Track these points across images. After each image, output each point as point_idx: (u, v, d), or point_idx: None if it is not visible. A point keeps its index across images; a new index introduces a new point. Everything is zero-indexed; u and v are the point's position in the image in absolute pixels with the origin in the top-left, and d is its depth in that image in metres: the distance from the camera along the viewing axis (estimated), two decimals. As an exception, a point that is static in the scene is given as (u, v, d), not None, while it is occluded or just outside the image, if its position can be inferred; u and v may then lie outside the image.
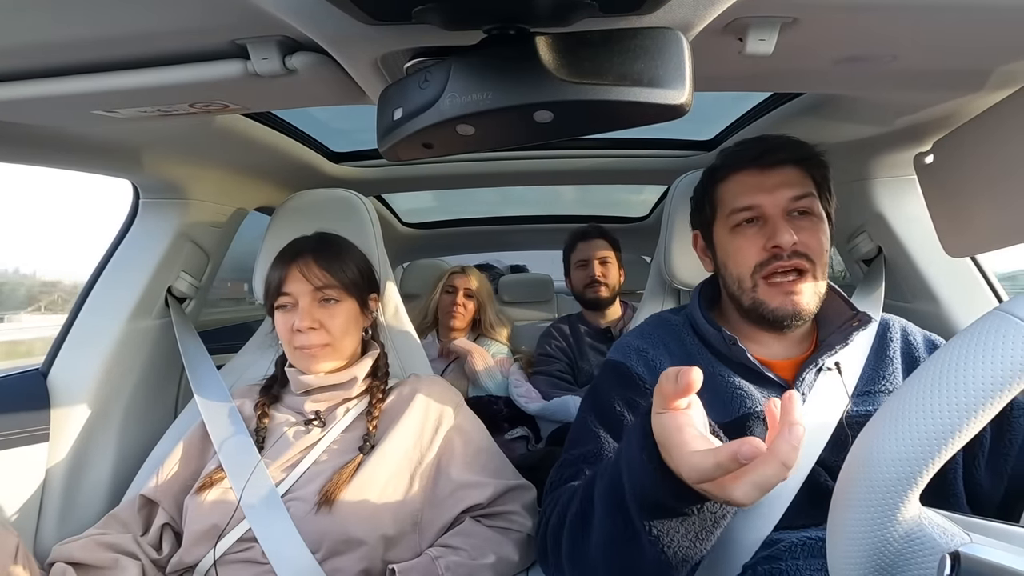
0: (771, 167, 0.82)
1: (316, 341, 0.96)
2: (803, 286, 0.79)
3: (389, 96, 0.53)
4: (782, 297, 0.80)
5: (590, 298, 1.87)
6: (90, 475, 1.13)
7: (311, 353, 0.97)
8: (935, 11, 0.60)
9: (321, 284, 0.97)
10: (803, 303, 0.79)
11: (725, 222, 0.85)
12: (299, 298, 0.97)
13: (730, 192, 0.85)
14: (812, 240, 0.80)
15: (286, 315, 0.98)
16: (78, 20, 0.58)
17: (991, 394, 0.37)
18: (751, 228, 0.82)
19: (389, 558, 0.87)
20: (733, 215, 0.83)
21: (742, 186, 0.83)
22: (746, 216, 0.82)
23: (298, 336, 0.96)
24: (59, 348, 1.17)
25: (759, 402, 0.79)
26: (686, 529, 0.55)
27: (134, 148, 1.04)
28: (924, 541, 0.40)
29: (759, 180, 0.82)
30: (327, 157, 1.59)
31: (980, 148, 0.86)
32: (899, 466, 0.39)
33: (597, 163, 1.77)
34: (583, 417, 0.86)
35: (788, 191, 0.81)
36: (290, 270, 0.98)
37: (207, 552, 0.86)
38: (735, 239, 0.84)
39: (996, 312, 0.39)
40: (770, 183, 0.81)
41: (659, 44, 0.47)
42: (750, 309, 0.83)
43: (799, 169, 0.82)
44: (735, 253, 0.84)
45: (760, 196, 0.81)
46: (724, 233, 0.86)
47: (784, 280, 0.80)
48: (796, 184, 0.81)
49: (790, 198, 0.80)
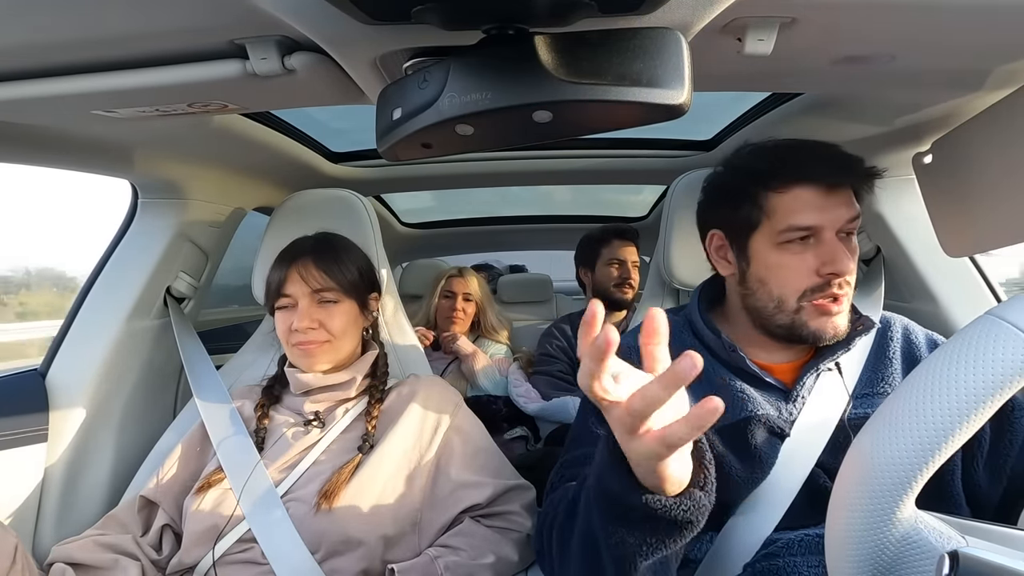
0: (835, 187, 0.76)
1: (314, 338, 0.97)
2: (842, 308, 0.77)
3: (388, 96, 0.54)
4: (823, 319, 0.77)
5: (617, 297, 1.85)
6: (89, 476, 1.13)
7: (309, 350, 0.97)
8: (933, 11, 0.60)
9: (319, 287, 0.98)
10: (840, 324, 0.77)
11: (774, 235, 0.78)
12: (298, 299, 0.97)
13: (788, 206, 0.77)
14: (853, 264, 0.77)
15: (286, 315, 0.99)
16: (77, 20, 0.58)
17: (983, 399, 0.38)
18: (800, 246, 0.77)
19: (388, 558, 0.87)
20: (788, 232, 0.77)
21: (804, 203, 0.76)
22: (801, 235, 0.76)
23: (296, 334, 0.97)
24: (58, 348, 1.16)
25: (760, 405, 0.79)
26: (636, 527, 0.52)
27: (133, 148, 1.04)
28: (920, 545, 0.40)
29: (823, 200, 0.76)
30: (326, 157, 1.59)
31: (979, 148, 0.86)
32: (894, 471, 0.39)
33: (596, 163, 1.77)
34: (583, 417, 0.85)
35: (846, 212, 0.76)
36: (290, 272, 0.98)
37: (206, 553, 0.86)
38: (783, 256, 0.78)
39: (987, 316, 0.40)
40: (832, 203, 0.76)
41: (658, 44, 0.47)
42: (784, 326, 0.79)
43: (852, 189, 0.78)
44: (781, 271, 0.78)
45: (822, 217, 0.75)
46: (768, 246, 0.79)
47: (827, 302, 0.77)
48: (851, 205, 0.77)
49: (846, 220, 0.76)
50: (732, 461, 0.77)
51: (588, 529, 0.59)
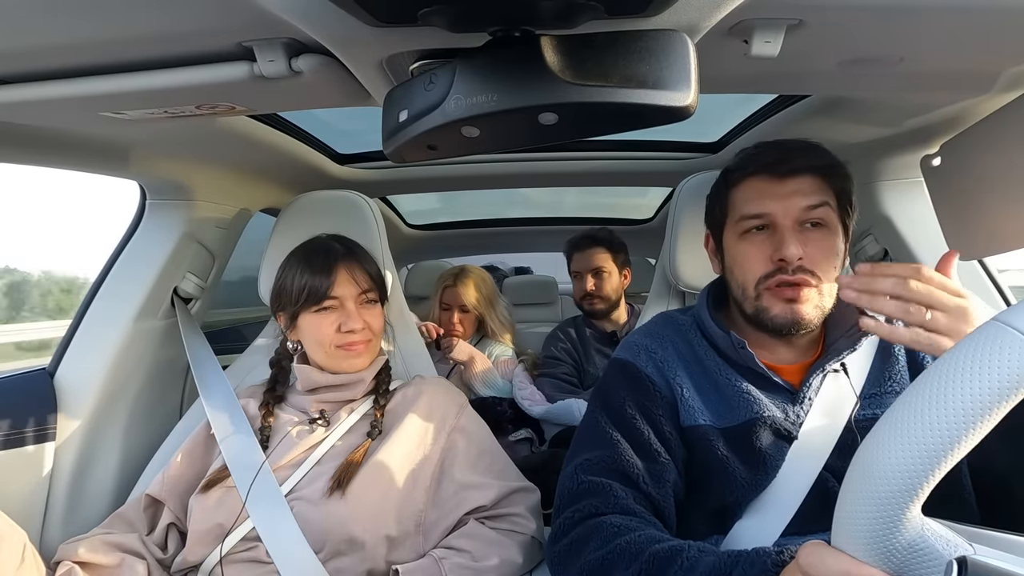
0: (787, 175, 0.79)
1: (362, 339, 0.99)
2: (806, 296, 0.78)
3: (394, 98, 0.54)
4: (783, 304, 0.78)
5: (586, 310, 1.87)
6: (96, 475, 1.14)
7: (357, 350, 0.99)
8: (942, 13, 0.59)
9: (367, 287, 1.00)
10: (804, 312, 0.78)
11: (735, 227, 0.83)
12: (345, 301, 0.98)
13: (741, 197, 0.83)
14: (820, 254, 0.78)
15: (329, 316, 0.98)
16: (87, 23, 0.58)
17: (989, 406, 0.37)
18: (760, 236, 0.80)
19: (392, 559, 0.87)
20: (743, 221, 0.82)
21: (754, 192, 0.81)
22: (756, 224, 0.80)
23: (344, 335, 0.98)
24: (66, 348, 1.17)
25: (766, 407, 0.78)
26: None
27: (141, 149, 1.05)
28: (927, 552, 0.40)
29: (772, 187, 0.79)
30: (332, 159, 1.60)
31: (988, 151, 0.86)
32: (900, 478, 0.39)
33: (602, 165, 1.77)
34: (594, 417, 0.84)
35: (802, 200, 0.78)
36: (337, 274, 0.98)
37: (211, 551, 0.86)
38: (742, 246, 0.82)
39: (993, 323, 0.39)
40: (783, 191, 0.79)
41: (664, 46, 0.47)
42: (752, 316, 0.82)
43: (817, 177, 0.79)
44: (741, 260, 0.82)
45: (771, 204, 0.79)
46: (733, 238, 0.84)
47: (782, 287, 0.78)
48: (811, 193, 0.78)
49: (803, 208, 0.78)
50: (737, 463, 0.77)
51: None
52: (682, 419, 0.81)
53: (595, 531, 0.71)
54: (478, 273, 1.96)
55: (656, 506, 0.76)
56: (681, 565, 0.61)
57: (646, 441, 0.79)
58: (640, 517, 0.73)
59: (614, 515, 0.72)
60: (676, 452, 0.80)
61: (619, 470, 0.77)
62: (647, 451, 0.79)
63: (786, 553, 0.54)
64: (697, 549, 0.63)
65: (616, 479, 0.76)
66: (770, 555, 0.55)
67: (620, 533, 0.68)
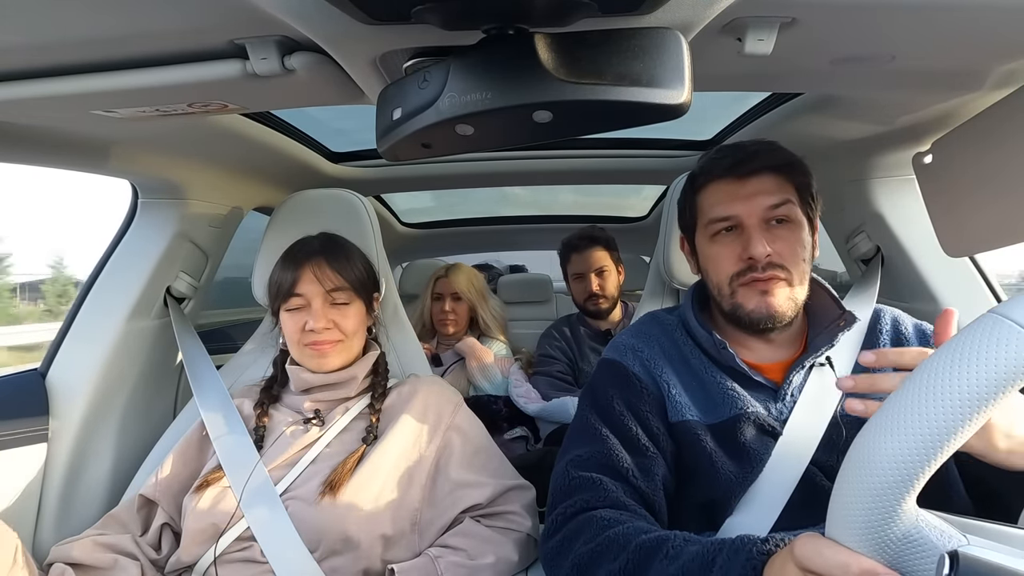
0: (747, 176, 0.82)
1: (328, 338, 0.98)
2: (778, 290, 0.80)
3: (388, 96, 0.53)
4: (757, 298, 0.80)
5: (591, 311, 1.87)
6: (89, 475, 1.13)
7: (323, 350, 0.98)
8: (933, 11, 0.60)
9: (333, 286, 0.98)
10: (777, 305, 0.80)
11: (705, 230, 0.86)
12: (312, 300, 0.97)
13: (707, 201, 0.85)
14: (787, 249, 0.80)
15: (297, 315, 0.98)
16: (77, 20, 0.58)
17: (985, 398, 0.38)
18: (729, 236, 0.83)
19: (388, 558, 0.87)
20: (711, 224, 0.84)
21: (719, 195, 0.83)
22: (724, 225, 0.83)
23: (309, 335, 0.97)
24: (58, 348, 1.16)
25: (749, 404, 0.80)
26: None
27: (133, 148, 1.04)
28: (922, 543, 0.40)
29: (735, 189, 0.82)
30: (326, 157, 1.59)
31: (979, 148, 0.86)
32: (895, 470, 0.39)
33: (596, 163, 1.77)
34: (584, 415, 0.86)
35: (765, 199, 0.80)
36: (303, 272, 0.98)
37: (206, 551, 0.86)
38: (714, 247, 0.84)
39: (990, 315, 0.40)
40: (746, 192, 0.81)
41: (658, 44, 0.47)
42: (729, 313, 0.84)
43: (777, 176, 0.82)
44: (714, 261, 0.85)
45: (736, 205, 0.81)
46: (704, 241, 0.87)
47: (753, 282, 0.80)
48: (773, 192, 0.81)
49: (767, 207, 0.80)
50: (724, 458, 0.78)
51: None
52: (670, 415, 0.83)
53: (585, 525, 0.72)
54: (469, 268, 2.03)
55: (646, 500, 0.77)
56: (666, 554, 0.62)
57: (634, 437, 0.80)
58: (630, 510, 0.74)
59: (604, 509, 0.73)
60: (664, 447, 0.81)
61: (609, 465, 0.78)
62: (636, 446, 0.80)
63: (771, 542, 0.54)
64: (682, 539, 0.64)
65: (606, 474, 0.77)
66: (755, 543, 0.55)
67: (609, 526, 0.69)
